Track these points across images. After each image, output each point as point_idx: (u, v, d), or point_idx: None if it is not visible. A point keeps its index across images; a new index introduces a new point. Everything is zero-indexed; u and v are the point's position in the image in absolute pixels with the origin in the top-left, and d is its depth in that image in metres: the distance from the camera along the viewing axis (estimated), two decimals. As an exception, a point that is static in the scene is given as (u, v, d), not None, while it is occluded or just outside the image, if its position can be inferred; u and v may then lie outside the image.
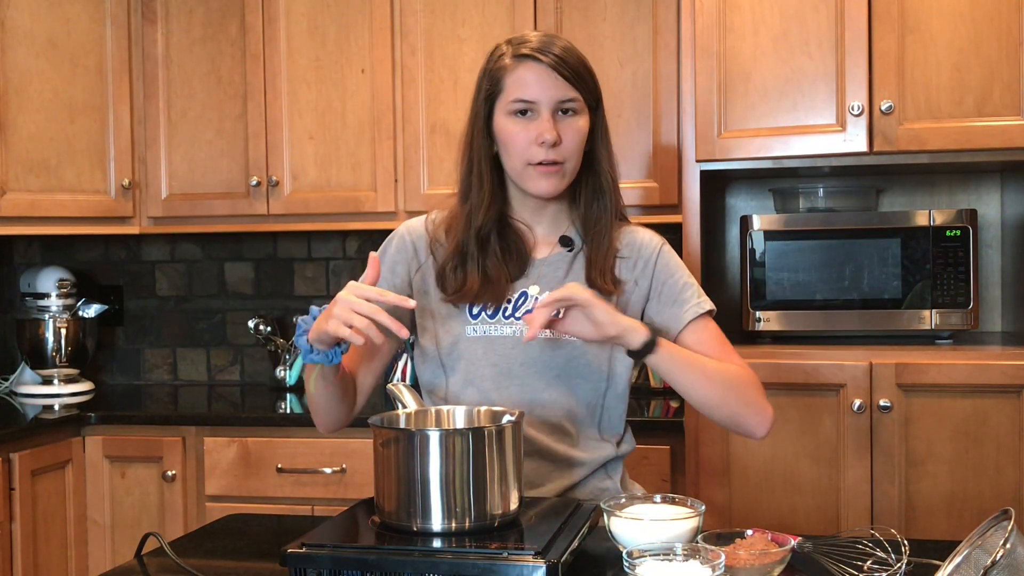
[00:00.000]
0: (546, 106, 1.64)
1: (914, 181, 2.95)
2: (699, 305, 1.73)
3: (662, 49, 2.86)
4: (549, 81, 1.64)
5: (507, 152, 1.68)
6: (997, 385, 2.36)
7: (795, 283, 2.64)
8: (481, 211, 1.70)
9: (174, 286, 3.58)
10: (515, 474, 1.41)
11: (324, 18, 3.08)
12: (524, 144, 1.65)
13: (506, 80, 1.66)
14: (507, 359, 1.70)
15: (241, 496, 2.83)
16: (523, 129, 1.65)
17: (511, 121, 1.66)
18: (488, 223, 1.70)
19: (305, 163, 3.11)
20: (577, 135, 1.67)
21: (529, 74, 1.64)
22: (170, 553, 1.53)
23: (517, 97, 1.65)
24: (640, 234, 1.78)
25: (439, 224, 1.77)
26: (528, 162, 1.66)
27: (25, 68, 3.01)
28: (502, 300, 1.71)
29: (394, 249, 1.79)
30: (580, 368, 1.70)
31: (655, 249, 1.76)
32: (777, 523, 2.39)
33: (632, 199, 2.87)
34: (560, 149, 1.65)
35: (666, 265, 1.75)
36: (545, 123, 1.64)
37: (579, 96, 1.66)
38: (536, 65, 1.64)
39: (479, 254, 1.70)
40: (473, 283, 1.69)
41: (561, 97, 1.65)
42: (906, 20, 2.43)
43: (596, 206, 1.73)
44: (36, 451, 2.75)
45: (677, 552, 1.28)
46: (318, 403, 1.70)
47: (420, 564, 1.28)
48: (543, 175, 1.66)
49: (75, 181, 3.11)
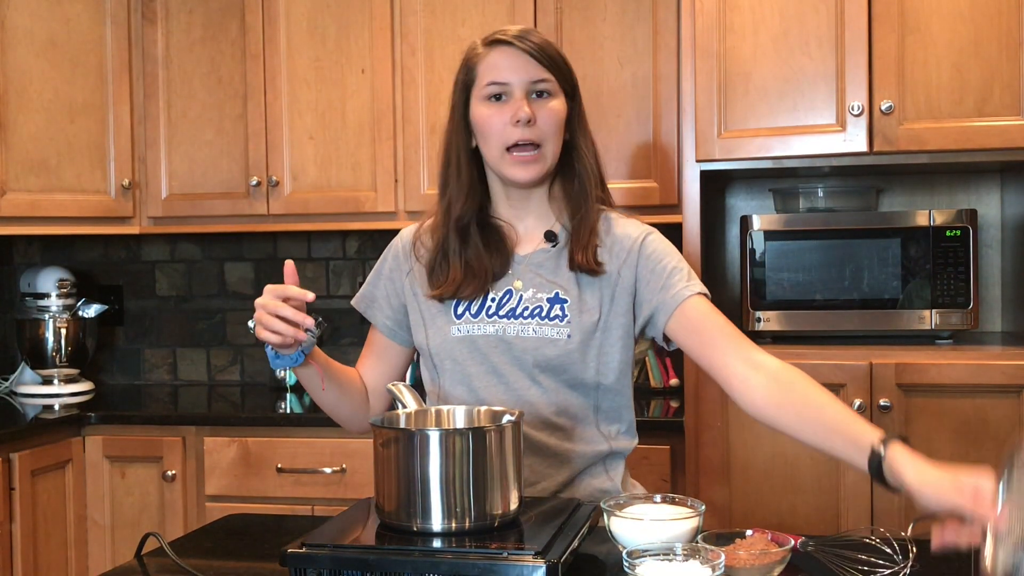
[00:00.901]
0: (519, 87, 1.66)
1: (914, 181, 2.95)
2: (687, 287, 1.67)
3: (662, 49, 2.86)
4: (520, 63, 1.65)
5: (484, 139, 1.69)
6: (997, 385, 2.36)
7: (795, 283, 2.64)
8: (460, 202, 1.72)
9: (174, 286, 3.58)
10: (515, 474, 1.41)
11: (324, 18, 3.08)
12: (500, 127, 1.66)
13: (479, 67, 1.69)
14: (492, 358, 1.71)
15: (241, 496, 2.83)
16: (497, 112, 1.66)
17: (486, 106, 1.68)
18: (467, 214, 1.72)
19: (305, 163, 3.11)
20: (552, 116, 1.68)
21: (501, 58, 1.66)
22: (170, 553, 1.53)
23: (490, 80, 1.67)
24: (623, 224, 1.76)
25: (426, 228, 1.80)
26: (505, 145, 1.66)
27: (25, 68, 3.01)
28: (484, 292, 1.71)
29: (390, 259, 1.83)
30: (565, 364, 1.69)
31: (637, 239, 1.73)
32: (777, 523, 2.39)
33: (632, 199, 2.87)
34: (535, 129, 1.66)
35: (652, 253, 1.71)
36: (518, 102, 1.65)
37: (552, 77, 1.67)
38: (508, 48, 1.66)
39: (460, 246, 1.72)
40: (456, 275, 1.71)
41: (534, 78, 1.66)
42: (906, 20, 2.43)
43: (576, 191, 1.73)
44: (36, 451, 2.75)
45: (677, 552, 1.28)
46: (323, 404, 1.76)
47: (420, 564, 1.28)
48: (521, 162, 1.67)
49: (75, 181, 3.11)
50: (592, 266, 1.69)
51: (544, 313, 1.70)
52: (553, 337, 1.69)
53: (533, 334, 1.69)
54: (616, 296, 1.71)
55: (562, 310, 1.69)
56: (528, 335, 1.69)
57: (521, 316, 1.70)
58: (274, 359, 1.59)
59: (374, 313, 1.82)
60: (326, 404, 1.75)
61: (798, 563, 1.41)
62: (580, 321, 1.69)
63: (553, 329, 1.69)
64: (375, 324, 1.83)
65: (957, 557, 1.51)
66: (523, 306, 1.71)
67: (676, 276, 1.69)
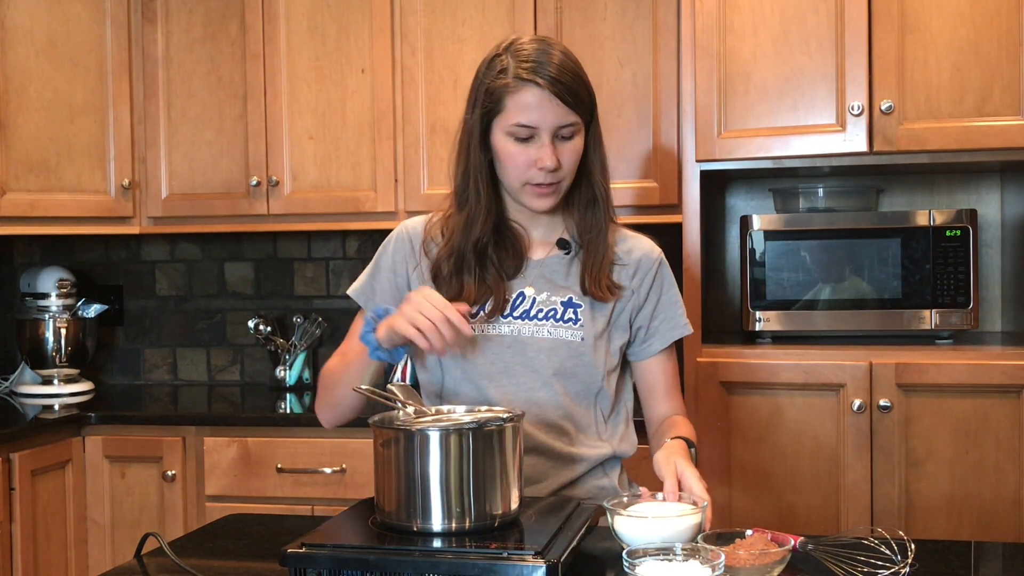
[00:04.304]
0: (546, 131, 1.65)
1: (914, 181, 2.95)
2: (685, 327, 1.81)
3: (662, 49, 2.86)
4: (550, 107, 1.64)
5: (505, 170, 1.70)
6: (997, 385, 2.36)
7: (795, 283, 2.64)
8: (479, 223, 1.72)
9: (174, 286, 3.58)
10: (515, 474, 1.41)
11: (324, 18, 3.08)
12: (523, 166, 1.67)
13: (506, 101, 1.66)
14: (504, 358, 1.71)
15: (241, 496, 2.83)
16: (522, 152, 1.66)
17: (510, 143, 1.67)
18: (486, 234, 1.72)
19: (305, 163, 3.11)
20: (574, 155, 1.69)
21: (530, 99, 1.64)
22: (170, 553, 1.53)
23: (518, 122, 1.65)
24: (640, 242, 1.81)
25: (436, 224, 1.79)
26: (525, 182, 1.68)
27: (25, 68, 3.01)
28: (498, 307, 1.72)
29: (393, 248, 1.81)
30: (577, 367, 1.71)
31: (655, 261, 1.80)
32: (777, 523, 2.39)
33: (632, 199, 2.87)
34: (557, 172, 1.67)
35: (665, 279, 1.80)
36: (545, 148, 1.65)
37: (578, 119, 1.67)
38: (538, 91, 1.64)
39: (476, 265, 1.73)
40: (469, 293, 1.72)
41: (562, 122, 1.66)
42: (906, 20, 2.43)
43: (590, 215, 1.75)
44: (36, 451, 2.75)
45: (677, 552, 1.29)
46: (342, 396, 1.74)
47: (420, 564, 1.28)
48: (539, 195, 1.69)
49: (75, 181, 3.11)
50: (605, 295, 1.73)
51: (559, 316, 1.72)
52: (568, 339, 1.71)
53: (548, 335, 1.71)
54: (625, 311, 1.77)
55: (575, 313, 1.73)
56: (543, 336, 1.71)
57: (535, 318, 1.72)
58: (374, 350, 1.61)
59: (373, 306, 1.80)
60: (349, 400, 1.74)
61: (798, 563, 1.41)
62: (593, 325, 1.72)
63: (568, 331, 1.71)
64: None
65: (957, 557, 1.52)
66: (537, 308, 1.73)
67: (678, 311, 1.81)
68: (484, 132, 1.70)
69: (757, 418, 2.48)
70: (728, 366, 2.51)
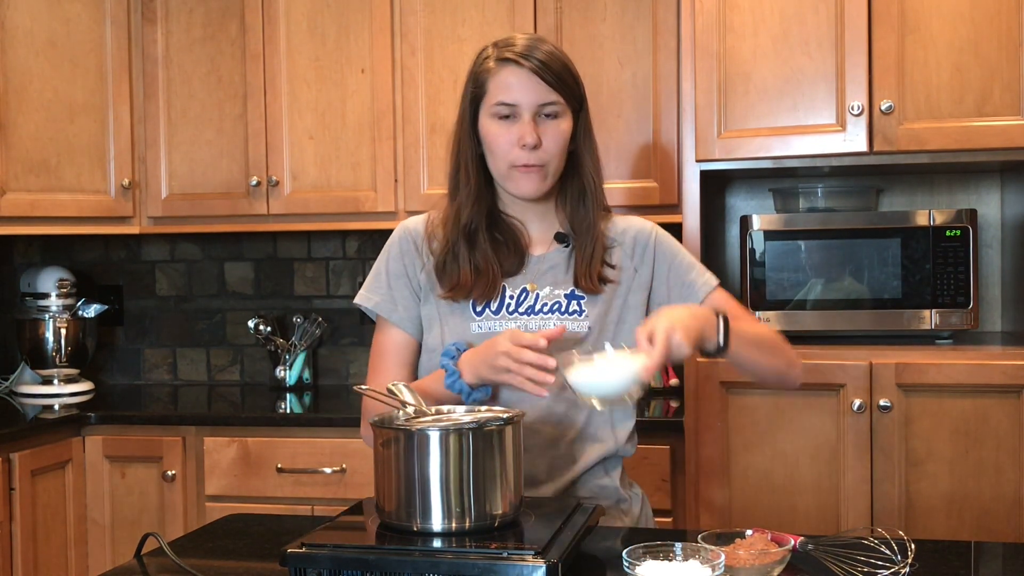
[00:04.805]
0: (527, 109, 1.67)
1: (914, 181, 2.95)
2: (707, 282, 1.80)
3: (662, 49, 2.86)
4: (530, 85, 1.66)
5: (491, 154, 1.71)
6: (997, 385, 2.36)
7: (795, 283, 2.64)
8: (468, 208, 1.73)
9: (174, 286, 3.58)
10: (515, 474, 1.41)
11: (324, 18, 3.08)
12: (506, 146, 1.68)
13: (489, 83, 1.69)
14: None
15: (241, 496, 2.83)
16: (505, 131, 1.68)
17: (494, 123, 1.69)
18: (475, 219, 1.73)
19: (305, 163, 3.11)
20: (558, 137, 1.70)
21: (511, 78, 1.67)
22: (170, 553, 1.53)
23: (499, 100, 1.68)
24: (631, 221, 1.82)
25: (436, 223, 1.80)
26: (511, 164, 1.69)
27: (25, 68, 3.01)
28: (494, 293, 1.73)
29: (400, 252, 1.80)
30: None
31: (650, 235, 1.80)
32: (777, 523, 2.39)
33: (632, 199, 2.87)
34: (541, 152, 1.68)
35: (667, 248, 1.80)
36: (526, 126, 1.67)
37: (560, 99, 1.69)
38: (518, 69, 1.67)
39: (468, 250, 1.73)
40: (465, 278, 1.72)
41: (542, 100, 1.67)
42: (906, 20, 2.43)
43: (581, 207, 1.76)
44: (36, 451, 2.75)
45: (677, 552, 1.29)
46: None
47: (420, 564, 1.29)
48: (525, 176, 1.69)
49: (75, 181, 3.11)
50: (595, 288, 1.73)
51: (564, 309, 1.73)
52: (574, 331, 1.71)
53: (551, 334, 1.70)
54: (631, 291, 1.77)
55: (580, 305, 1.73)
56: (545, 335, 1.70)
57: (541, 312, 1.73)
58: (468, 395, 1.63)
59: (400, 317, 1.76)
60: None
61: (798, 563, 1.41)
62: (598, 316, 1.73)
63: (574, 324, 1.72)
64: (403, 329, 1.77)
65: (957, 557, 1.52)
66: (542, 303, 1.74)
67: (694, 271, 1.81)
68: (473, 120, 1.72)
69: (757, 418, 2.48)
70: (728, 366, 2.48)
